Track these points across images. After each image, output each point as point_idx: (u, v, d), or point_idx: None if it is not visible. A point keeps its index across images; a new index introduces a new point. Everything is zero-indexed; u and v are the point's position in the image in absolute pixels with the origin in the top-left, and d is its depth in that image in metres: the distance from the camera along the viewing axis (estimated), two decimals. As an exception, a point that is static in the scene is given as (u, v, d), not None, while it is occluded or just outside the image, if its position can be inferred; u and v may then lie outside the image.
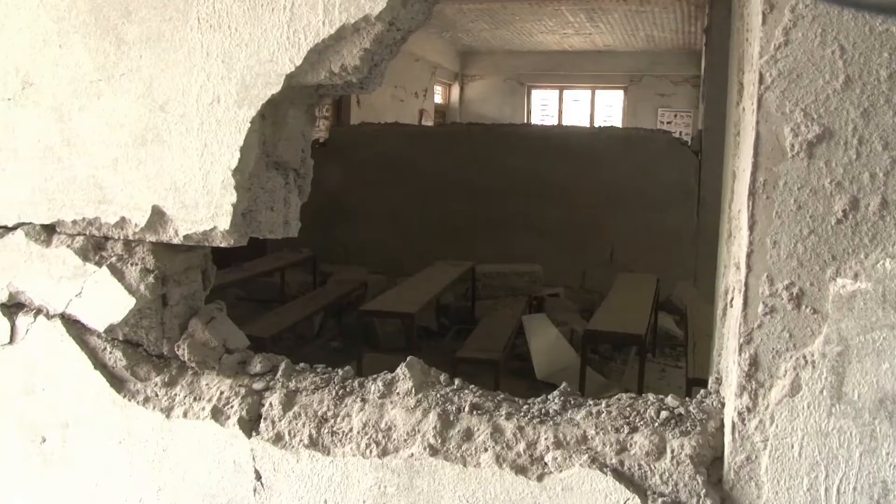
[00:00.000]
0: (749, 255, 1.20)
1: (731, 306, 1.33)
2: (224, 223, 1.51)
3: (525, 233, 8.24)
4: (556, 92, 16.66)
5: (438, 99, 15.96)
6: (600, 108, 16.34)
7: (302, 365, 1.66)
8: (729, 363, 1.31)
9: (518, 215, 8.26)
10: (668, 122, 14.90)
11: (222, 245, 1.55)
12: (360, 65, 1.42)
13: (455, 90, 16.74)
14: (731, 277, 1.32)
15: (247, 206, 1.53)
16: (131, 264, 1.63)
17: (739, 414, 1.23)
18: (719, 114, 7.71)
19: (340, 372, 1.61)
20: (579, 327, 6.55)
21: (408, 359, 1.52)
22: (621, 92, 16.14)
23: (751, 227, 1.20)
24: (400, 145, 8.66)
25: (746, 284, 1.21)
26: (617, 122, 15.60)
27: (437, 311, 7.04)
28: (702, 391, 1.42)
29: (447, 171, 8.48)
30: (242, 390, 1.58)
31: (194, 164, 1.53)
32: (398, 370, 1.51)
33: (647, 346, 5.51)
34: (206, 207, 1.53)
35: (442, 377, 1.53)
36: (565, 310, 7.17)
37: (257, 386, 1.58)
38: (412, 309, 4.65)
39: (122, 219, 1.61)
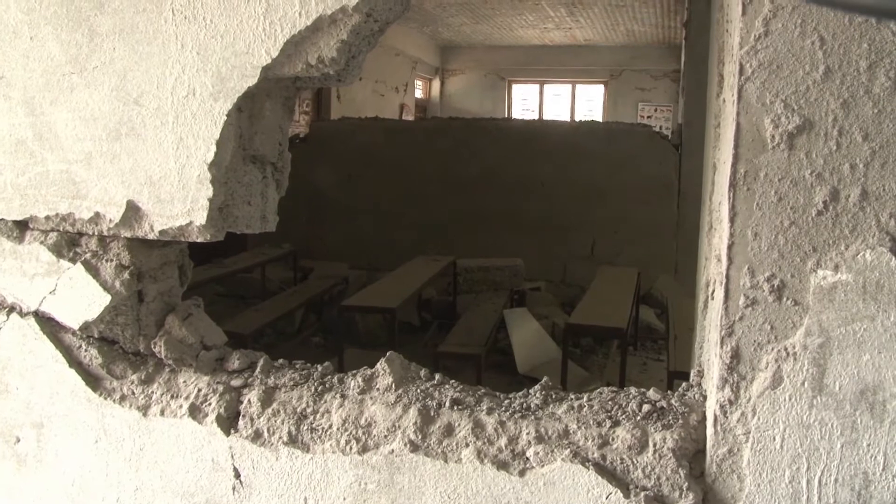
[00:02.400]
0: (730, 247, 1.20)
1: (713, 299, 1.33)
2: (200, 218, 1.49)
3: (506, 227, 8.24)
4: (537, 86, 16.66)
5: (419, 93, 15.92)
6: (581, 102, 16.37)
7: (280, 361, 1.64)
8: (711, 356, 1.30)
9: (499, 209, 8.25)
10: (649, 117, 14.95)
11: (199, 240, 1.53)
12: (338, 57, 1.40)
13: (436, 85, 16.71)
14: (713, 270, 1.32)
15: (223, 200, 1.51)
16: (106, 260, 1.60)
17: (721, 407, 1.22)
18: (699, 107, 7.74)
19: (319, 368, 1.59)
20: (560, 321, 6.55)
21: (388, 354, 1.50)
22: (602, 86, 16.17)
23: (731, 219, 1.20)
24: (380, 140, 8.62)
25: (727, 276, 1.20)
26: (597, 116, 15.62)
27: (418, 306, 7.02)
28: (683, 384, 1.41)
29: (428, 166, 8.45)
30: (220, 387, 1.56)
31: (169, 159, 1.50)
32: (378, 366, 1.50)
33: (629, 339, 5.52)
34: (181, 202, 1.50)
35: (422, 372, 1.51)
36: (546, 303, 7.17)
37: (235, 383, 1.56)
38: (393, 304, 4.63)
39: (97, 214, 1.58)
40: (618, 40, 14.76)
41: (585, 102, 16.36)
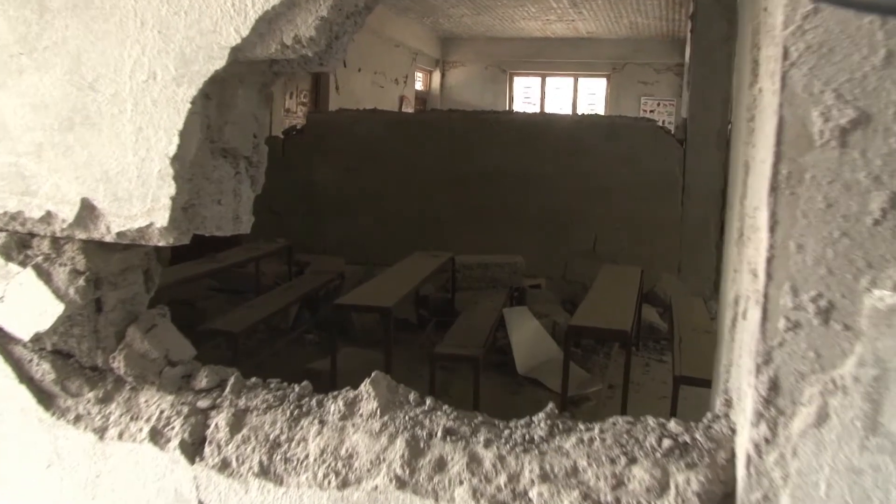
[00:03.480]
0: (769, 261, 1.03)
1: (744, 318, 1.15)
2: (161, 219, 1.32)
3: (506, 222, 8.07)
4: (539, 79, 16.46)
5: (419, 86, 15.73)
6: (583, 95, 16.17)
7: (253, 380, 1.47)
8: (742, 385, 1.13)
9: (499, 204, 8.08)
10: (651, 111, 14.76)
11: (161, 244, 1.36)
12: (316, 36, 1.23)
13: (436, 77, 16.51)
14: (746, 285, 1.14)
15: (188, 199, 1.34)
16: (59, 265, 1.43)
17: (756, 445, 1.05)
18: (705, 101, 7.57)
19: (297, 388, 1.42)
20: (561, 319, 6.39)
21: (372, 375, 1.33)
22: (604, 80, 15.97)
23: (771, 229, 1.02)
24: (379, 132, 8.44)
25: (766, 295, 1.03)
26: (599, 110, 15.45)
27: (416, 303, 6.85)
28: (708, 414, 1.24)
29: (427, 159, 8.28)
30: (185, 409, 1.39)
31: (127, 152, 1.33)
32: (362, 388, 1.33)
33: (632, 340, 5.36)
34: (140, 201, 1.33)
35: (412, 396, 1.34)
36: (547, 301, 7.00)
37: (202, 404, 1.39)
38: (389, 302, 4.46)
39: (49, 213, 1.41)
40: (621, 33, 14.55)
41: (587, 96, 16.16)
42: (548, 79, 16.39)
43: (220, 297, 7.20)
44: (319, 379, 4.97)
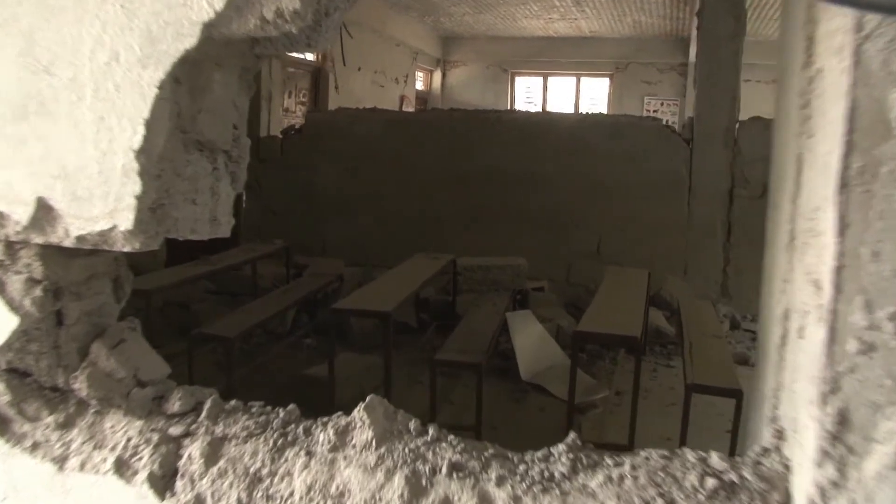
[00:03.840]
0: (837, 272, 0.86)
1: (802, 337, 0.98)
2: (126, 221, 1.15)
3: (507, 223, 7.90)
4: (541, 79, 16.29)
5: (420, 85, 15.56)
6: (585, 95, 16.00)
7: (233, 403, 1.30)
8: (800, 415, 0.96)
9: (500, 205, 7.92)
10: (654, 111, 14.58)
11: (125, 249, 1.19)
12: (301, 9, 1.06)
13: (437, 76, 16.34)
14: (803, 298, 0.98)
15: (156, 198, 1.17)
16: (14, 272, 1.27)
17: (820, 489, 0.89)
18: (712, 99, 7.40)
19: (281, 413, 1.25)
20: (565, 323, 6.22)
21: (367, 400, 1.16)
22: (607, 79, 15.79)
23: (840, 233, 0.86)
24: (378, 132, 8.27)
25: (834, 311, 0.87)
26: (602, 110, 15.27)
27: (416, 306, 6.68)
28: (755, 447, 1.07)
29: (427, 159, 8.11)
30: (155, 436, 1.22)
31: (87, 144, 1.16)
32: (355, 414, 1.16)
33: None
34: (102, 200, 1.16)
35: (412, 424, 1.17)
36: (550, 304, 6.84)
37: (175, 431, 1.23)
38: (388, 307, 4.29)
39: (1, 214, 1.24)
40: (624, 32, 14.38)
41: (590, 96, 15.98)
42: (550, 79, 16.21)
43: (217, 300, 7.04)
44: (317, 385, 4.83)
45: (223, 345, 4.67)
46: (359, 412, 1.14)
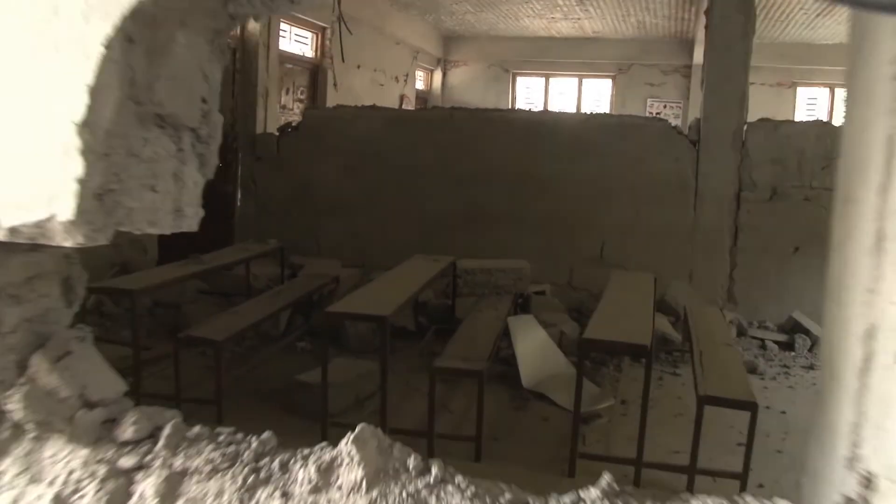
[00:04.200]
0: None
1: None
2: (66, 210, 0.95)
3: (509, 225, 7.70)
4: (542, 80, 16.10)
5: (420, 85, 15.36)
6: (587, 97, 15.80)
7: (197, 430, 1.09)
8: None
9: (502, 206, 7.71)
10: (658, 113, 14.39)
11: (66, 244, 0.98)
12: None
13: (437, 76, 16.14)
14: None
15: (103, 182, 0.96)
16: (-62, 271, 1.06)
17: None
18: (720, 100, 7.20)
19: (254, 443, 1.04)
20: (568, 329, 6.03)
21: (357, 430, 0.96)
22: (609, 81, 15.61)
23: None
24: (378, 130, 8.07)
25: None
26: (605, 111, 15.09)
27: (414, 310, 6.48)
28: (834, 496, 0.87)
29: (428, 159, 7.90)
30: (102, 469, 1.02)
31: (21, 116, 0.96)
32: (342, 446, 0.95)
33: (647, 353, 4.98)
34: (37, 185, 0.96)
35: (411, 461, 0.96)
36: (553, 309, 6.63)
37: (126, 463, 1.02)
38: (386, 311, 4.08)
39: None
40: (627, 33, 14.19)
41: (592, 98, 15.79)
42: (552, 79, 16.02)
43: (208, 301, 6.84)
44: (309, 392, 4.63)
45: (213, 348, 4.46)
46: (346, 445, 0.94)
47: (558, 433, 4.48)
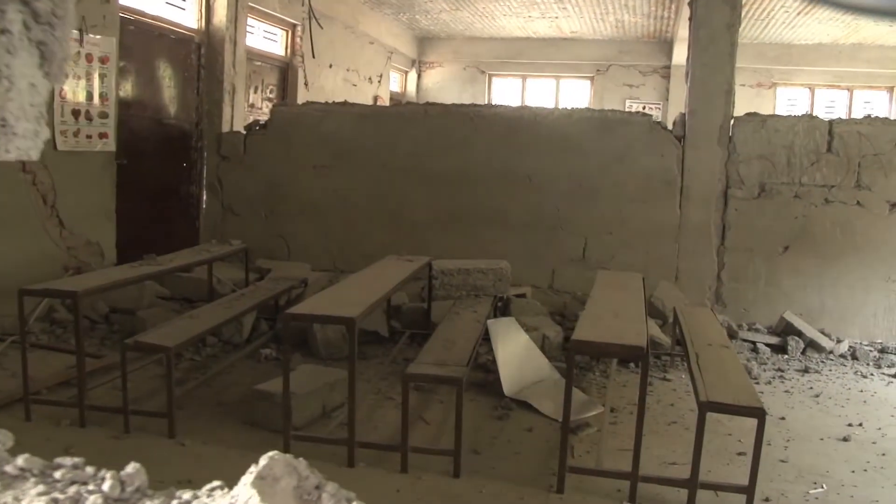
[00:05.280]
0: None
1: None
2: None
3: (488, 226, 7.35)
4: (519, 81, 15.81)
5: (395, 86, 15.00)
6: (565, 98, 15.53)
7: (21, 461, 0.71)
8: None
9: (480, 206, 7.36)
10: (637, 114, 14.16)
11: None
12: None
13: (412, 77, 15.80)
14: None
15: None
16: None
17: None
18: (706, 94, 6.91)
19: (107, 482, 0.66)
20: (552, 333, 5.68)
21: (262, 463, 0.58)
22: (587, 82, 15.35)
23: None
24: (349, 127, 7.68)
25: None
26: (582, 113, 14.81)
27: (387, 314, 6.10)
28: None
29: (402, 157, 7.54)
30: None
31: None
32: (238, 491, 0.58)
33: (636, 356, 4.64)
34: None
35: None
36: (534, 312, 6.27)
37: None
38: (353, 313, 3.69)
39: None
40: (606, 32, 13.94)
41: (570, 99, 15.52)
42: (529, 80, 15.74)
43: (168, 307, 6.41)
44: (271, 402, 4.23)
45: (166, 356, 4.05)
46: (245, 489, 0.57)
47: (544, 445, 4.12)
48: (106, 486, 0.64)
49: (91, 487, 0.65)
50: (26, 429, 3.99)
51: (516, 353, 5.02)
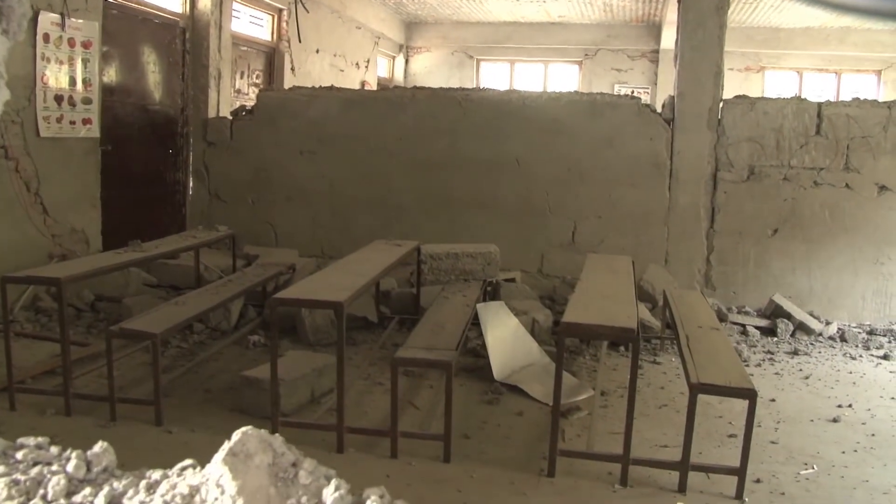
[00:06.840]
0: None
1: None
2: None
3: (476, 211, 7.31)
4: (507, 66, 15.73)
5: (382, 72, 14.89)
6: (553, 83, 15.46)
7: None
8: None
9: (468, 191, 7.32)
10: (625, 99, 14.12)
11: None
12: None
13: (399, 63, 15.69)
14: None
15: None
16: None
17: None
18: (695, 77, 6.87)
19: (72, 462, 0.62)
20: (541, 317, 5.65)
21: (234, 438, 0.55)
22: (576, 66, 15.29)
23: None
24: (336, 112, 7.61)
25: None
26: (571, 98, 14.76)
27: (376, 299, 6.06)
28: None
29: (389, 141, 7.47)
30: None
31: None
32: (208, 470, 0.54)
33: (623, 339, 4.62)
34: None
35: (329, 490, 0.55)
36: (524, 296, 6.25)
37: None
38: (341, 297, 3.65)
39: None
40: (594, 17, 13.87)
41: (558, 84, 15.46)
42: (517, 65, 15.66)
43: (155, 294, 6.35)
44: (258, 389, 4.19)
45: (153, 343, 4.00)
46: (217, 466, 0.53)
47: (535, 429, 4.10)
48: (70, 467, 0.60)
49: (55, 468, 0.61)
50: (11, 418, 3.94)
51: (506, 337, 4.99)
